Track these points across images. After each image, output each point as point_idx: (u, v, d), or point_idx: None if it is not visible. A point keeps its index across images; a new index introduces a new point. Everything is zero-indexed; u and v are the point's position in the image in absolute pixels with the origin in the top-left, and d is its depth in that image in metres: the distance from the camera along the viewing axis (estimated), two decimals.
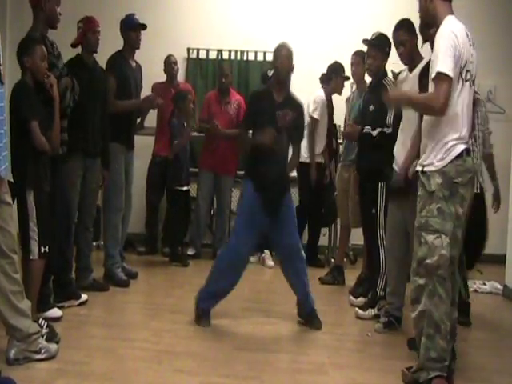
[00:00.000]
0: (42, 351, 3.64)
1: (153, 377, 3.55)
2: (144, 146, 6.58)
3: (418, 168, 3.52)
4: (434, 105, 3.28)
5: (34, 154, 3.93)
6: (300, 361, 3.91)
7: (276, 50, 4.49)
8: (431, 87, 3.36)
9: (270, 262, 6.69)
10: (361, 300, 5.07)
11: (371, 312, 4.80)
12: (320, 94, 6.58)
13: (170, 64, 6.86)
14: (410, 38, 4.38)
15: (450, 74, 3.23)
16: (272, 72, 4.71)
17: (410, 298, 3.57)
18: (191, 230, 6.85)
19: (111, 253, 5.57)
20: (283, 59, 4.41)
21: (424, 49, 4.26)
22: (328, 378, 3.65)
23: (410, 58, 4.42)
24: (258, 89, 5.84)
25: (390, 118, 4.66)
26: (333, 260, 6.56)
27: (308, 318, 4.53)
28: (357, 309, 4.88)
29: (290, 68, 4.44)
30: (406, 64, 4.50)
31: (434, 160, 3.38)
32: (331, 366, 3.83)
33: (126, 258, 5.99)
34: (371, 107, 4.86)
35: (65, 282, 4.70)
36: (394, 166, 4.35)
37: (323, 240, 6.87)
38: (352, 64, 5.81)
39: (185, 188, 6.55)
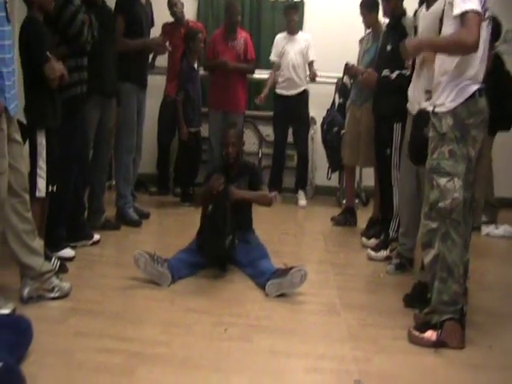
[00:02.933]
0: (55, 290, 3.64)
1: (165, 316, 3.55)
2: (155, 86, 6.46)
3: (429, 108, 3.41)
4: (468, 41, 3.06)
5: (48, 93, 3.86)
6: (312, 301, 3.89)
7: None
8: (449, 25, 3.22)
9: (302, 202, 6.78)
10: (373, 241, 5.04)
11: (383, 253, 4.78)
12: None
13: (171, 7, 6.68)
14: None
15: (479, 9, 3.06)
16: None
17: (420, 242, 3.52)
18: (205, 169, 6.76)
19: (123, 192, 5.54)
20: None
21: None
22: (340, 319, 3.64)
23: None
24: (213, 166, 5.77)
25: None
26: (344, 201, 6.51)
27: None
28: (369, 250, 4.86)
29: None
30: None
31: (445, 101, 3.25)
32: (343, 307, 3.82)
33: (138, 198, 5.96)
34: (388, 47, 4.72)
35: (78, 223, 4.69)
36: (408, 107, 4.23)
37: (334, 181, 6.81)
38: (360, 15, 5.69)
39: (195, 129, 6.46)
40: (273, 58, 6.85)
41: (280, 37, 6.85)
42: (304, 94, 6.82)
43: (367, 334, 3.45)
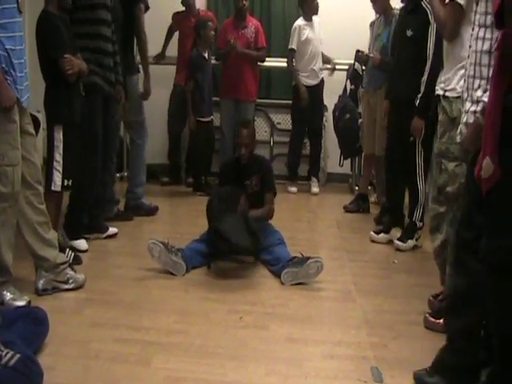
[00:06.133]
0: (70, 281, 3.65)
1: (180, 305, 3.55)
2: (165, 75, 6.45)
3: (440, 92, 3.37)
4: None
5: (66, 88, 3.86)
6: (327, 288, 3.89)
7: None
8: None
9: (315, 189, 6.77)
10: (382, 236, 4.94)
11: (411, 243, 4.71)
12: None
13: None
14: None
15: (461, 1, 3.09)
16: None
17: (429, 227, 3.50)
18: (218, 159, 6.75)
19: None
20: None
21: None
22: (355, 305, 3.64)
23: None
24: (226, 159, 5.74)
25: (430, 47, 4.22)
26: (357, 188, 6.49)
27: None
28: (396, 241, 4.75)
29: None
30: None
31: (457, 86, 3.21)
32: (358, 293, 3.82)
33: (150, 189, 5.96)
34: (409, 32, 4.55)
35: (92, 216, 4.69)
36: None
37: (346, 168, 6.78)
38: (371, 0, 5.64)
39: (206, 119, 6.44)
40: (294, 46, 6.63)
41: (300, 24, 6.64)
42: (322, 83, 6.77)
43: (383, 319, 3.44)
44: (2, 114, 3.12)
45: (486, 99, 2.28)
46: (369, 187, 6.25)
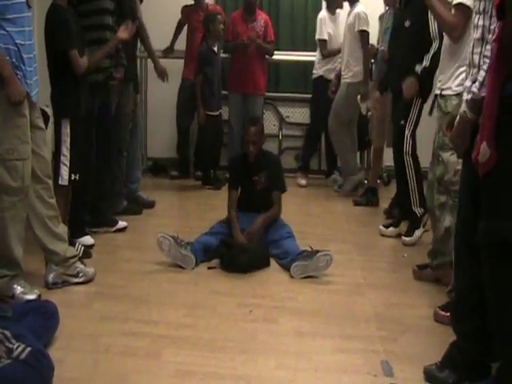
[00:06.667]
0: (80, 275, 3.66)
1: (189, 298, 3.56)
2: (173, 69, 6.44)
3: (437, 91, 3.65)
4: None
5: (73, 81, 3.87)
6: (337, 282, 3.88)
7: None
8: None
9: (302, 181, 6.72)
10: (392, 230, 4.91)
11: (418, 233, 4.65)
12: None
13: None
14: None
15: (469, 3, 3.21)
16: None
17: (434, 217, 3.72)
18: (226, 152, 6.74)
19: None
20: None
21: None
22: (365, 299, 3.63)
23: None
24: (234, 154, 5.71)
25: (434, 31, 4.22)
26: (366, 181, 6.47)
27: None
28: (403, 237, 4.70)
29: None
30: None
31: (452, 85, 3.50)
32: (367, 287, 3.81)
33: (159, 183, 5.96)
34: (407, 23, 4.54)
35: (101, 209, 4.70)
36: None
37: None
38: None
39: (215, 113, 6.43)
40: (325, 36, 6.46)
41: (325, 15, 6.51)
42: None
43: (393, 313, 3.43)
44: (11, 108, 3.13)
45: (474, 89, 2.34)
46: (378, 181, 6.23)
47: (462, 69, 3.30)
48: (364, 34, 5.93)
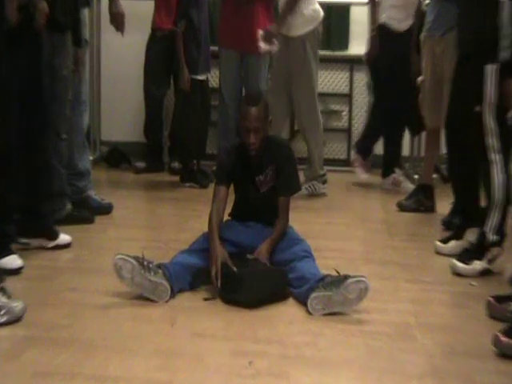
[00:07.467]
0: (1, 312, 3.62)
1: (163, 344, 3.53)
2: (139, 16, 6.44)
3: None
4: None
5: None
6: (375, 321, 3.87)
7: None
8: None
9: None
10: (453, 245, 4.92)
11: (478, 266, 4.57)
12: None
13: None
14: None
15: None
16: None
17: None
18: (216, 135, 6.74)
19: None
20: None
21: None
22: (417, 345, 3.60)
23: None
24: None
25: None
26: (416, 177, 6.47)
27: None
28: (454, 261, 4.63)
29: None
30: None
31: None
32: (420, 329, 3.79)
33: (121, 178, 5.97)
34: None
35: (34, 212, 4.67)
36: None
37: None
38: None
39: (201, 77, 6.43)
40: None
41: None
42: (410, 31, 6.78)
43: (457, 366, 3.40)
44: None
45: None
46: (433, 175, 6.23)
47: None
48: None
